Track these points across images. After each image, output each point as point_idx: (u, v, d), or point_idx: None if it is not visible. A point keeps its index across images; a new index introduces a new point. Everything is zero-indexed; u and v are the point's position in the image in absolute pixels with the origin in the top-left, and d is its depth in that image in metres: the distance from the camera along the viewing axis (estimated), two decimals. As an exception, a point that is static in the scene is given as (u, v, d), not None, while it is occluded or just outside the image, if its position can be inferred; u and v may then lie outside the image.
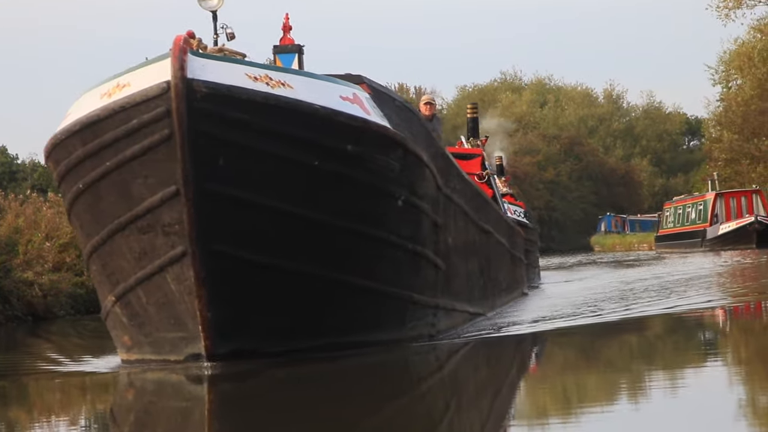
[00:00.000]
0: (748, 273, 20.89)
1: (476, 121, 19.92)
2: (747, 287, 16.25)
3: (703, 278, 18.64)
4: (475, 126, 19.69)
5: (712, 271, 21.90)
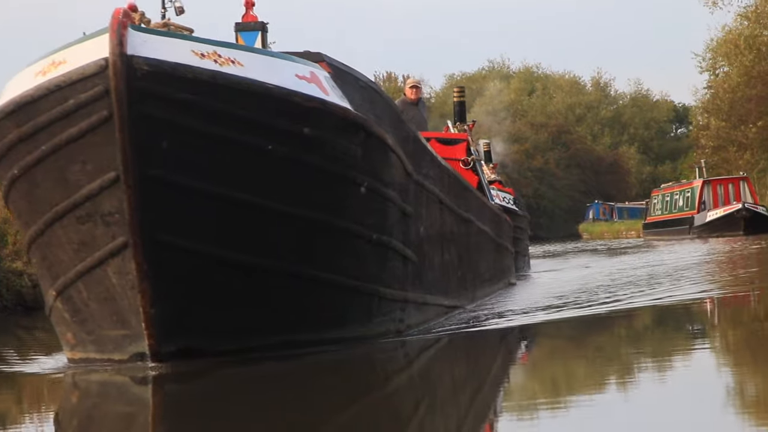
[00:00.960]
0: (737, 261, 20.16)
1: (463, 105, 18.97)
2: (737, 277, 15.50)
3: (692, 267, 17.92)
4: (462, 110, 18.76)
5: (700, 259, 21.20)
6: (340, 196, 7.70)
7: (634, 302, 11.63)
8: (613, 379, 6.69)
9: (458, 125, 18.14)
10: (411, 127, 9.06)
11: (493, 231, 15.47)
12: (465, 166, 16.02)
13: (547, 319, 10.49)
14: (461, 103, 18.94)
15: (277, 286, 7.55)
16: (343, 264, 7.86)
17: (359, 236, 7.89)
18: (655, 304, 11.43)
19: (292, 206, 7.39)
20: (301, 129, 7.30)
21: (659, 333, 9.35)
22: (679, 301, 11.53)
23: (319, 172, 7.47)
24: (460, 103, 18.91)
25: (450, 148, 15.99)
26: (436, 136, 16.30)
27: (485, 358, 8.43)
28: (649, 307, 11.24)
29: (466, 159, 16.14)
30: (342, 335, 8.05)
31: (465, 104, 19.22)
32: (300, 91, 7.28)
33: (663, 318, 10.57)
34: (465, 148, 16.37)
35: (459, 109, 18.72)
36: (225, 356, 7.46)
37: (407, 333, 8.88)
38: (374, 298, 8.23)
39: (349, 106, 7.62)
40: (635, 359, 7.51)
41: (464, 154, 16.23)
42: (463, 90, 19.87)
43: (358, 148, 7.67)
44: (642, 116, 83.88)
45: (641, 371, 6.92)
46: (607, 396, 6.02)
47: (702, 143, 57.02)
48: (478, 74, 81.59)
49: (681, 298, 11.78)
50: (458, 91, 19.52)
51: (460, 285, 11.57)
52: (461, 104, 18.90)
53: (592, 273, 18.92)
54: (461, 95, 19.27)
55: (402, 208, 8.54)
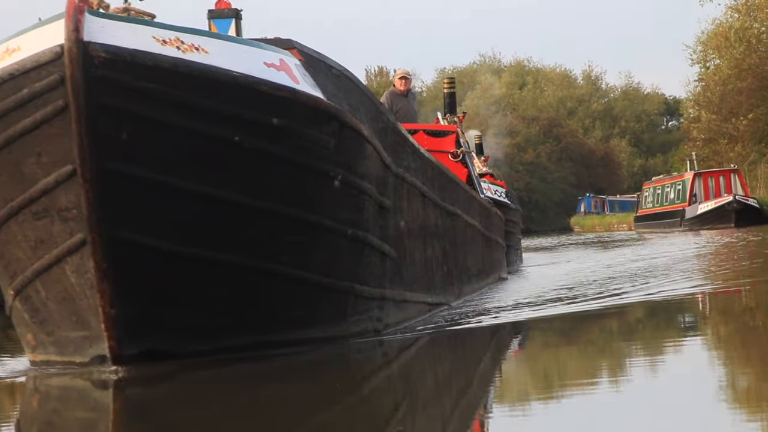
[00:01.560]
0: (729, 255, 19.71)
1: (453, 97, 18.41)
2: (730, 271, 15.05)
3: (685, 261, 17.47)
4: (453, 102, 18.20)
5: (693, 253, 20.75)
6: (313, 190, 7.28)
7: (626, 298, 11.21)
8: (606, 381, 6.29)
9: (448, 117, 17.63)
10: (390, 117, 8.64)
11: (483, 225, 15.02)
12: (454, 158, 15.58)
13: (536, 315, 10.09)
14: (451, 94, 18.42)
15: (246, 284, 7.13)
16: (316, 260, 7.44)
17: (333, 231, 7.48)
18: (648, 299, 11.00)
19: (260, 200, 6.98)
20: (269, 119, 6.88)
21: (652, 329, 8.96)
22: (672, 297, 11.12)
23: (289, 165, 7.05)
24: (450, 94, 18.39)
25: (438, 140, 15.55)
26: (424, 128, 15.86)
27: (467, 357, 8.03)
28: (642, 303, 10.81)
29: (455, 151, 15.69)
30: (315, 335, 7.63)
31: (455, 95, 18.69)
32: (268, 80, 6.86)
33: (656, 314, 10.16)
34: (454, 140, 15.91)
35: (449, 101, 18.19)
36: (191, 358, 7.03)
37: (386, 332, 8.48)
38: (350, 296, 7.81)
39: (321, 95, 7.20)
40: (630, 360, 7.12)
41: (453, 146, 15.77)
42: (454, 81, 19.31)
43: (331, 140, 7.25)
44: (633, 109, 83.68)
45: (636, 372, 6.53)
46: (599, 398, 5.62)
47: (693, 136, 57.02)
48: (470, 68, 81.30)
49: (674, 293, 11.37)
50: (448, 82, 18.94)
51: (445, 281, 11.15)
52: (451, 95, 18.38)
53: (584, 267, 18.50)
54: (451, 86, 18.73)
55: (379, 201, 8.13)
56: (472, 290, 13.14)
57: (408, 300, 9.12)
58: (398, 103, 15.49)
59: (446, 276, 11.26)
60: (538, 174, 72.03)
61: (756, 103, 52.64)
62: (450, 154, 15.52)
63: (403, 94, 15.48)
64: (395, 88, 15.59)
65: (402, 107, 15.49)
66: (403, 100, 15.48)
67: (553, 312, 10.30)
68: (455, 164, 15.62)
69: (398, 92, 15.49)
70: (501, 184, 24.63)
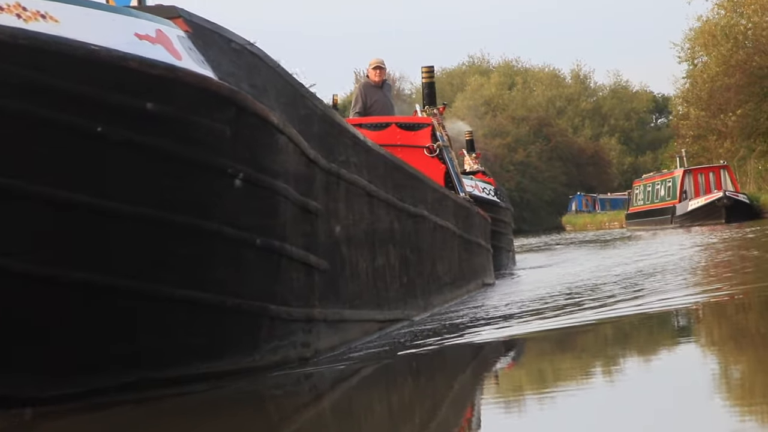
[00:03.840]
0: (722, 256, 17.95)
1: (432, 87, 16.43)
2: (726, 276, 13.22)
3: (678, 263, 15.70)
4: (432, 92, 16.21)
5: (686, 253, 18.99)
6: (206, 191, 5.71)
7: (619, 308, 9.47)
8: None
9: (427, 109, 15.74)
10: (317, 102, 7.04)
11: (460, 226, 13.27)
12: (430, 153, 13.83)
13: (515, 333, 8.41)
14: (430, 84, 16.46)
15: (125, 310, 5.56)
16: (216, 278, 5.87)
17: (236, 241, 5.90)
18: (645, 311, 9.26)
19: (137, 206, 5.42)
20: (142, 104, 5.32)
21: (647, 345, 7.39)
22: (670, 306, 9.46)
23: (172, 161, 5.49)
24: (429, 84, 16.42)
25: (413, 133, 13.84)
26: (397, 120, 14.13)
27: (421, 388, 6.45)
28: (638, 315, 9.07)
29: (431, 146, 13.92)
30: (220, 368, 6.05)
31: (434, 86, 16.73)
32: (138, 55, 5.30)
33: (654, 329, 8.52)
34: (429, 133, 14.08)
35: (428, 92, 16.21)
36: (55, 404, 5.48)
37: (317, 360, 6.88)
38: (263, 319, 6.22)
39: (211, 75, 5.63)
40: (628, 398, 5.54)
41: (429, 140, 13.98)
42: (432, 70, 17.18)
43: (226, 128, 5.68)
44: (622, 107, 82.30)
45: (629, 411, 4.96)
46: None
47: (682, 133, 56.16)
48: (459, 69, 79.70)
49: (672, 303, 9.68)
50: (427, 71, 16.80)
51: (405, 293, 9.54)
52: (430, 86, 16.42)
53: (578, 270, 16.74)
54: (430, 76, 16.75)
55: (301, 203, 6.56)
56: (444, 301, 11.48)
57: (347, 319, 7.52)
58: (373, 95, 13.88)
59: (406, 287, 9.64)
60: (529, 174, 70.48)
61: (744, 99, 51.42)
62: (426, 149, 13.82)
63: (378, 85, 13.88)
64: (369, 80, 13.98)
65: (377, 99, 13.88)
66: (378, 92, 13.88)
67: (535, 327, 8.67)
68: (431, 160, 13.93)
69: (372, 83, 13.89)
70: (489, 181, 22.68)
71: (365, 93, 13.84)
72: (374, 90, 13.86)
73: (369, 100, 13.85)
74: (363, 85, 13.99)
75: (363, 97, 13.86)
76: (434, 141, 13.97)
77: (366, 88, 13.90)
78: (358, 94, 14.05)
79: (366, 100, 13.86)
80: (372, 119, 13.77)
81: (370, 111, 13.88)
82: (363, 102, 13.93)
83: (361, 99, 13.95)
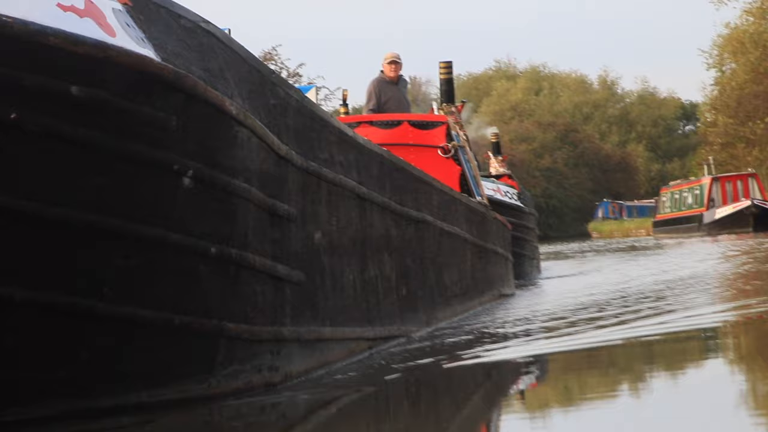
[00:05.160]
0: (748, 267, 16.84)
1: (450, 83, 15.30)
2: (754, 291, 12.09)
3: (706, 275, 14.59)
4: (450, 89, 15.09)
5: (714, 264, 17.85)
6: (147, 192, 4.80)
7: (640, 327, 8.34)
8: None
9: (445, 107, 14.70)
10: (291, 92, 6.11)
11: (473, 233, 12.22)
12: (444, 154, 12.80)
13: (526, 353, 7.39)
14: (448, 80, 15.34)
15: (51, 330, 4.68)
16: (161, 292, 4.96)
17: (185, 250, 5.00)
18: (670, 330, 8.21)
19: (59, 207, 4.53)
20: (65, 88, 4.43)
21: (672, 373, 6.44)
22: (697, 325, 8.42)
23: (104, 155, 4.59)
24: (447, 81, 15.30)
25: (426, 132, 12.81)
26: (409, 118, 13.14)
27: (404, 418, 5.52)
28: (663, 334, 8.02)
29: (445, 146, 12.88)
30: (168, 396, 5.13)
31: (453, 82, 15.65)
32: (61, 29, 4.41)
33: (679, 350, 7.53)
34: (444, 132, 13.05)
35: (446, 88, 15.08)
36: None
37: (287, 386, 5.95)
38: (219, 340, 5.30)
39: (153, 55, 4.73)
40: None
41: (443, 140, 12.94)
42: (450, 65, 15.99)
43: (172, 118, 4.78)
44: (649, 114, 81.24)
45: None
46: None
47: (710, 140, 55.48)
48: (485, 74, 78.73)
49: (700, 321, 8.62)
50: (444, 66, 15.59)
51: (403, 306, 8.59)
52: (448, 82, 15.30)
53: (600, 281, 15.67)
54: (448, 72, 15.62)
55: (268, 206, 5.63)
56: (453, 314, 10.46)
57: (327, 338, 6.57)
58: (387, 91, 12.92)
59: (405, 300, 8.68)
60: (555, 180, 69.42)
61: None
62: (440, 149, 12.79)
63: (393, 81, 12.94)
64: (384, 75, 13.02)
65: (392, 96, 12.92)
66: (393, 88, 12.93)
67: (542, 347, 7.69)
68: (446, 161, 12.91)
69: (387, 79, 12.94)
70: (513, 185, 21.41)
71: (379, 89, 12.94)
72: (389, 86, 12.95)
73: (383, 97, 12.94)
74: (377, 81, 13.06)
75: (376, 93, 12.95)
76: (449, 141, 12.97)
77: (380, 84, 12.98)
78: (371, 91, 13.11)
79: (380, 96, 12.94)
80: (381, 116, 12.86)
81: (384, 108, 12.97)
82: (376, 98, 13.02)
83: (374, 95, 13.03)
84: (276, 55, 38.42)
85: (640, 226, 56.95)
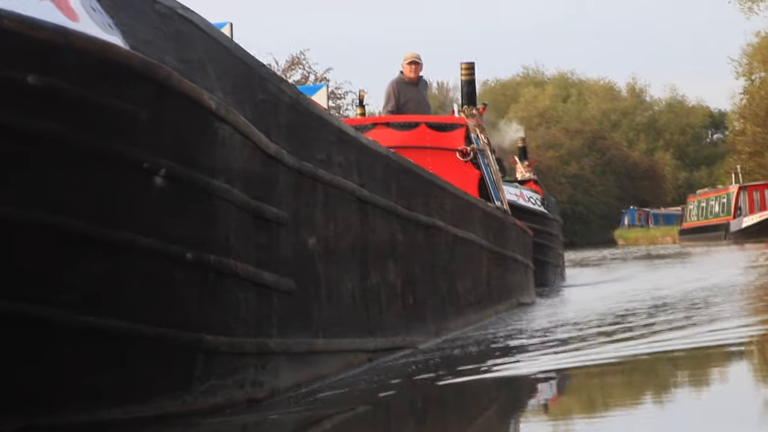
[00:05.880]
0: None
1: (472, 85, 14.76)
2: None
3: (733, 285, 14.00)
4: (472, 90, 14.57)
5: (741, 274, 17.21)
6: (114, 191, 4.40)
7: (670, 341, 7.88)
8: None
9: (466, 109, 14.20)
10: (284, 87, 5.68)
11: (490, 239, 11.71)
12: (463, 157, 12.33)
13: (539, 369, 6.89)
14: (470, 82, 14.80)
15: (13, 343, 4.28)
16: (132, 301, 4.55)
17: (157, 255, 4.59)
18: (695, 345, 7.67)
19: (17, 208, 4.13)
20: (21, 77, 4.03)
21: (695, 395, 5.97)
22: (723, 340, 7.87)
23: (64, 151, 4.19)
24: (468, 82, 14.77)
25: (444, 135, 12.33)
26: (427, 120, 12.69)
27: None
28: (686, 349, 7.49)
29: (463, 149, 12.41)
30: (141, 413, 4.72)
31: (474, 83, 15.15)
32: (16, 12, 4.01)
33: (702, 366, 7.04)
34: (463, 135, 12.57)
35: (468, 90, 14.56)
36: None
37: (273, 402, 5.51)
38: (196, 353, 4.89)
39: (120, 42, 4.32)
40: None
41: (462, 143, 12.47)
42: (473, 66, 15.44)
43: (142, 111, 4.37)
44: (677, 122, 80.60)
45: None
46: None
47: (738, 149, 54.87)
48: (513, 81, 78.32)
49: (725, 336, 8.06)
50: (466, 67, 15.00)
51: (410, 316, 8.11)
52: (470, 83, 14.76)
53: (624, 289, 15.11)
54: (470, 73, 15.09)
55: (253, 209, 5.21)
56: (465, 323, 9.95)
57: (320, 350, 6.14)
58: (407, 92, 12.50)
59: (412, 309, 8.21)
60: (582, 187, 68.88)
61: (802, 116, 49.90)
62: (458, 152, 12.32)
63: (413, 82, 12.53)
64: (403, 75, 12.60)
65: (411, 97, 12.50)
66: (413, 89, 12.51)
67: (549, 363, 7.19)
68: (464, 165, 12.44)
69: (407, 80, 12.52)
70: (536, 190, 20.84)
71: (398, 90, 12.53)
72: (408, 87, 12.53)
73: (402, 98, 12.53)
74: (396, 82, 12.65)
75: (396, 94, 12.55)
76: (468, 144, 12.51)
77: (399, 85, 12.57)
78: (390, 92, 12.69)
79: (399, 97, 12.54)
80: (398, 118, 12.44)
81: (404, 110, 12.56)
82: (395, 100, 12.61)
83: (393, 97, 12.63)
84: (304, 59, 38.14)
85: (666, 234, 56.41)
